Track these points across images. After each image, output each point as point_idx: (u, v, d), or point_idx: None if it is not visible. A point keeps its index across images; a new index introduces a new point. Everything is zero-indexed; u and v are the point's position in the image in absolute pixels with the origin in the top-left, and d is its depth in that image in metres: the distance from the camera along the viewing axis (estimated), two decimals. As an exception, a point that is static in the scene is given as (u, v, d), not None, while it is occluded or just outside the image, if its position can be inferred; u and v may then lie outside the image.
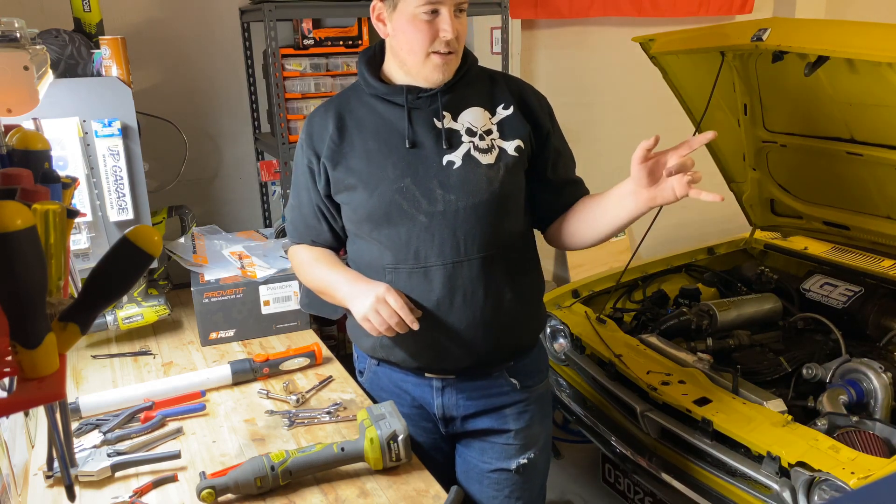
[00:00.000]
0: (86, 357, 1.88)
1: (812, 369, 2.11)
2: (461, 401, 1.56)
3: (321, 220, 1.55)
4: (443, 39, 1.37)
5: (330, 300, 1.55)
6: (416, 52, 1.39)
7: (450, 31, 1.36)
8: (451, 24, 1.36)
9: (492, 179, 1.43)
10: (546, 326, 2.54)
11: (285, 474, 1.30)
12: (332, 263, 1.54)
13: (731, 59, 2.40)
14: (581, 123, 3.93)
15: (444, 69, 1.40)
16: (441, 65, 1.40)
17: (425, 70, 1.41)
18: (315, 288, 1.57)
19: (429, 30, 1.37)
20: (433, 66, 1.40)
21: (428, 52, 1.39)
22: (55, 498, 1.32)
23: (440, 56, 1.39)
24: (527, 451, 1.59)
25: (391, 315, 1.36)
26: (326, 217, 1.55)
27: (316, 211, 1.55)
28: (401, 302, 1.36)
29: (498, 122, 1.48)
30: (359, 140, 1.47)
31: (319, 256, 1.56)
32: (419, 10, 1.35)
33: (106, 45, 1.87)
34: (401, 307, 1.36)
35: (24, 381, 0.79)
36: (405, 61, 1.43)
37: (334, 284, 1.49)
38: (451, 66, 1.42)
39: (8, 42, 0.99)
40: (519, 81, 1.58)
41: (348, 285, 1.45)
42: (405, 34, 1.39)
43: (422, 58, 1.39)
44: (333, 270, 1.51)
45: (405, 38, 1.40)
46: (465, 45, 1.52)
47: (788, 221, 2.91)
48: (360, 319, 1.40)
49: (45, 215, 0.84)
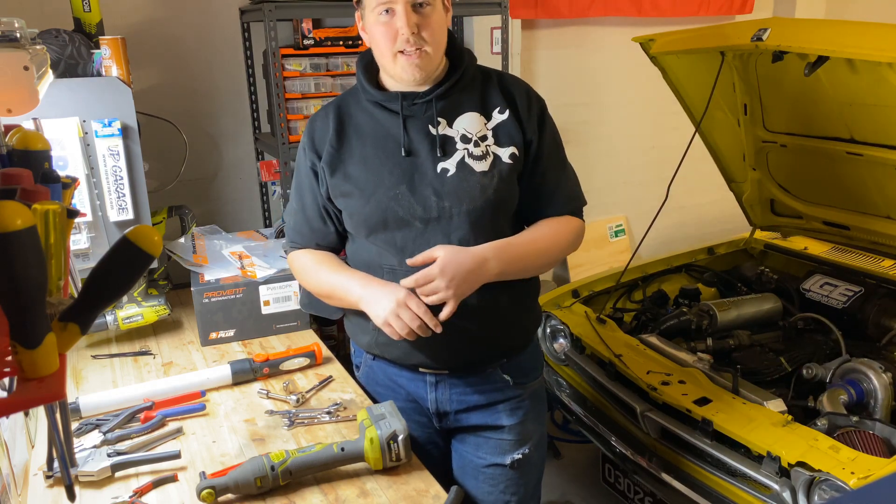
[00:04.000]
0: (86, 357, 1.88)
1: (812, 369, 2.11)
2: (454, 396, 1.56)
3: (327, 221, 1.55)
4: (402, 38, 1.37)
5: (338, 304, 1.54)
6: (385, 54, 1.41)
7: (405, 27, 1.36)
8: (405, 20, 1.35)
9: (485, 187, 1.43)
10: (544, 326, 2.55)
11: (285, 474, 1.30)
12: (338, 267, 1.53)
13: (731, 59, 2.40)
14: (581, 123, 3.93)
15: (412, 67, 1.40)
16: (408, 64, 1.39)
17: (397, 70, 1.41)
18: (321, 292, 1.56)
19: (388, 30, 1.38)
20: (402, 66, 1.40)
21: (394, 53, 1.39)
22: (55, 498, 1.32)
23: (405, 56, 1.39)
24: (521, 446, 1.60)
25: (413, 319, 1.35)
26: (332, 218, 1.55)
27: (322, 213, 1.54)
28: (424, 307, 1.36)
29: (493, 127, 1.47)
30: (357, 146, 1.47)
31: (323, 260, 1.56)
32: (375, 13, 1.38)
33: (106, 45, 1.87)
34: (424, 312, 1.35)
35: (24, 381, 0.79)
36: (382, 65, 1.45)
37: (345, 287, 1.47)
38: (424, 61, 1.40)
39: (8, 42, 0.99)
40: (512, 81, 1.55)
41: (362, 288, 1.44)
42: (373, 38, 1.42)
43: (390, 59, 1.41)
44: (342, 274, 1.50)
45: (374, 42, 1.42)
46: (464, 46, 1.53)
47: (788, 221, 2.91)
48: (380, 324, 1.39)
49: (45, 215, 0.84)
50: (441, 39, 1.43)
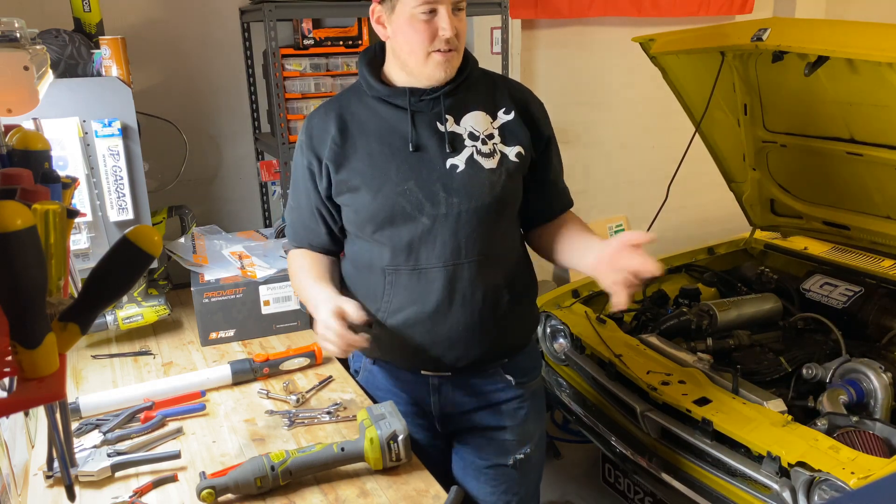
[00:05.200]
0: (86, 357, 1.88)
1: (812, 369, 2.11)
2: (457, 398, 1.57)
3: (319, 222, 1.55)
4: (442, 38, 1.37)
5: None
6: (417, 53, 1.40)
7: (448, 29, 1.36)
8: (449, 22, 1.36)
9: (494, 184, 1.44)
10: (544, 326, 2.55)
11: (285, 474, 1.30)
12: (316, 276, 1.51)
13: (731, 59, 2.40)
14: (581, 123, 3.93)
15: (445, 66, 1.41)
16: (443, 62, 1.40)
17: (427, 69, 1.41)
18: (301, 298, 1.58)
19: (427, 29, 1.37)
20: (435, 65, 1.40)
21: (428, 52, 1.39)
22: (55, 498, 1.32)
23: (441, 54, 1.39)
24: (523, 446, 1.61)
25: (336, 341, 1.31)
26: (325, 219, 1.55)
27: (315, 213, 1.55)
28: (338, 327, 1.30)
29: (499, 126, 1.48)
30: (361, 142, 1.47)
31: (311, 265, 1.55)
32: (417, 11, 1.36)
33: (106, 45, 1.87)
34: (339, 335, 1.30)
35: (24, 381, 0.79)
36: (406, 62, 1.43)
37: (308, 301, 1.47)
38: (454, 63, 1.42)
39: (8, 42, 0.99)
40: (521, 87, 1.59)
41: (312, 306, 1.43)
42: (405, 35, 1.39)
43: (423, 57, 1.40)
44: (311, 284, 1.48)
45: (405, 39, 1.40)
46: (465, 48, 1.53)
47: (788, 221, 2.91)
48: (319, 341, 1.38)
49: (45, 215, 0.84)
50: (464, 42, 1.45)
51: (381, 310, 1.50)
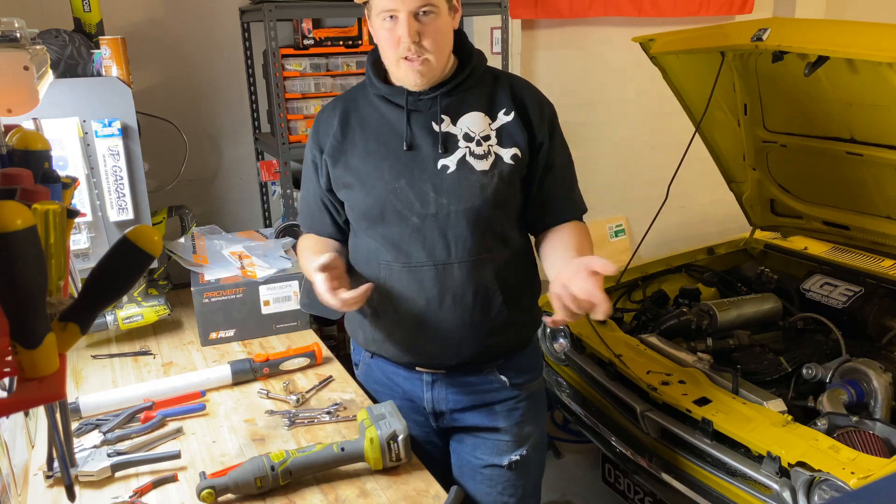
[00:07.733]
0: (86, 357, 1.88)
1: (812, 369, 2.11)
2: (450, 395, 1.57)
3: (324, 212, 1.59)
4: (403, 45, 1.37)
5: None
6: (388, 58, 1.42)
7: (406, 36, 1.35)
8: (406, 29, 1.35)
9: (484, 186, 1.43)
10: (544, 325, 2.54)
11: (285, 474, 1.30)
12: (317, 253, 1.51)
13: (731, 59, 2.40)
14: (581, 123, 3.93)
15: (414, 74, 1.39)
16: (410, 70, 1.39)
17: (400, 74, 1.42)
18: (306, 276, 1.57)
19: (391, 36, 1.38)
20: (405, 71, 1.40)
21: (397, 58, 1.39)
22: (55, 498, 1.32)
23: (407, 61, 1.39)
24: (519, 448, 1.60)
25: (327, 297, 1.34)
26: (329, 210, 1.58)
27: (320, 204, 1.58)
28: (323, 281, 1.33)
29: (497, 128, 1.47)
30: (360, 139, 1.48)
31: (314, 245, 1.58)
32: (379, 18, 1.38)
33: (106, 45, 1.87)
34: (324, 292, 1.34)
35: (24, 381, 0.79)
36: (387, 66, 1.46)
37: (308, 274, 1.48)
38: (426, 68, 1.40)
39: (8, 42, 0.99)
40: (523, 85, 1.55)
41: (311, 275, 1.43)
42: (378, 41, 1.43)
43: (394, 63, 1.41)
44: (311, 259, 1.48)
45: (380, 45, 1.43)
46: (472, 46, 1.53)
47: (788, 221, 2.91)
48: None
49: (45, 215, 0.84)
50: (444, 45, 1.42)
51: (379, 303, 1.50)
